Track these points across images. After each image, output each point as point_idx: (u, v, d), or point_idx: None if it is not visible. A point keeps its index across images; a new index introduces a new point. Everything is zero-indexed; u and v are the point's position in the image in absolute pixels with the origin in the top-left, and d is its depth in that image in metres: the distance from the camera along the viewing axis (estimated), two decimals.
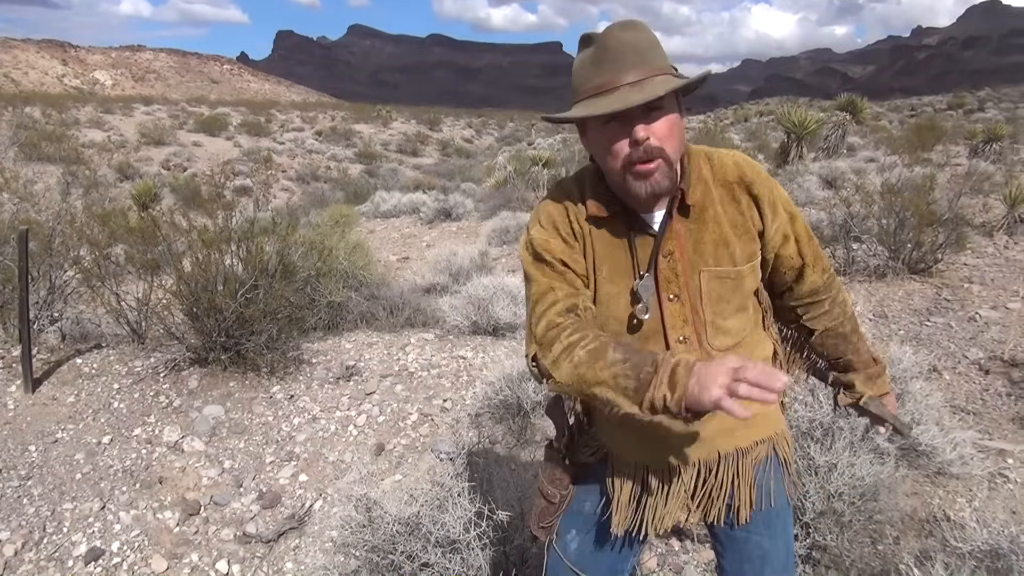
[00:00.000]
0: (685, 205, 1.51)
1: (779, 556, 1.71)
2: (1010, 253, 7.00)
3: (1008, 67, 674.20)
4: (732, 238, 1.53)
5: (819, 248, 1.66)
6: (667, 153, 1.42)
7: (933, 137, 18.42)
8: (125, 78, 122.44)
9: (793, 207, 1.61)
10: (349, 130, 38.08)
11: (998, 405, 4.14)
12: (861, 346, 1.75)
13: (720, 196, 1.54)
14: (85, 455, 3.93)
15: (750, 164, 1.58)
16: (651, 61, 1.40)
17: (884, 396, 1.79)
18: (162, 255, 5.04)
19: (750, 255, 1.55)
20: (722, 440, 1.63)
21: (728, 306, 1.56)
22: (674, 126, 1.43)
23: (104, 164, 21.95)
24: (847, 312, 1.72)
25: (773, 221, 1.56)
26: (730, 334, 1.58)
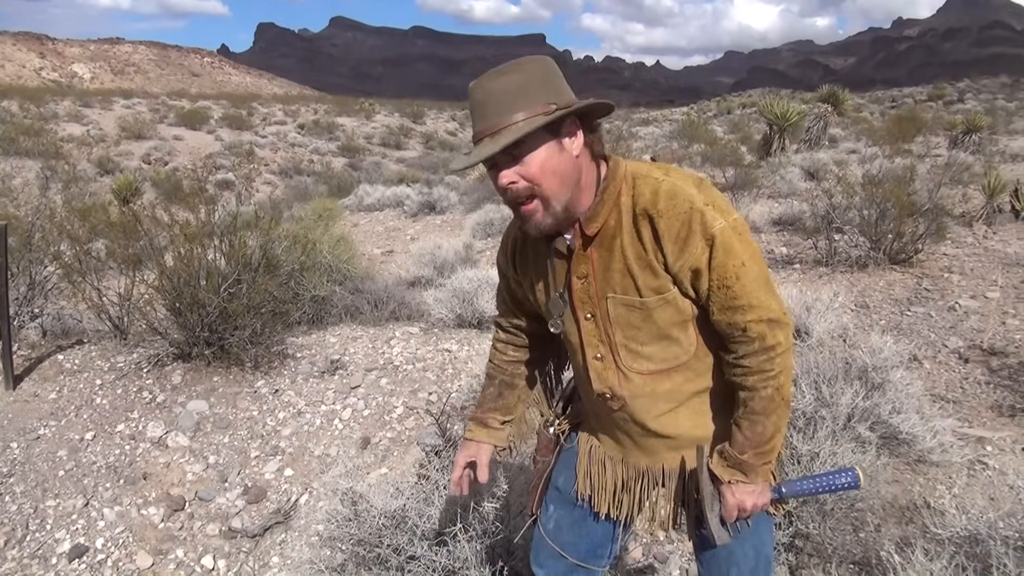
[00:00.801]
0: (585, 235, 1.55)
1: (746, 559, 1.72)
2: (989, 243, 7.08)
3: (987, 58, 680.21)
4: (636, 269, 1.52)
5: (761, 298, 1.49)
6: (542, 192, 1.46)
7: (913, 128, 18.59)
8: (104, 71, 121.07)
9: (733, 245, 1.47)
10: (332, 123, 37.86)
11: (977, 393, 4.19)
12: (751, 432, 1.56)
13: (628, 225, 1.52)
14: (68, 452, 3.90)
15: (669, 195, 1.48)
16: (514, 106, 1.41)
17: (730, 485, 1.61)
18: (144, 250, 5.00)
19: (656, 288, 1.52)
20: (668, 454, 1.71)
21: (640, 333, 1.58)
22: (545, 164, 1.44)
23: (84, 158, 21.73)
24: (766, 391, 1.52)
25: (678, 257, 1.47)
26: (651, 360, 1.60)
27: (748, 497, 1.60)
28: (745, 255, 1.48)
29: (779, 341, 1.50)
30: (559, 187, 1.47)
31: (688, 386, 1.62)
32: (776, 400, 1.53)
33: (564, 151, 1.46)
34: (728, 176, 10.06)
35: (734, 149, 16.61)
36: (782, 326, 1.51)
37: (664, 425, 1.65)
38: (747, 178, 10.09)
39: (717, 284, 1.48)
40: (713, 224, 1.45)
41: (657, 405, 1.63)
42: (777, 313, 1.50)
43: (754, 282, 1.48)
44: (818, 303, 5.00)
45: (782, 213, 8.90)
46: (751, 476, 1.58)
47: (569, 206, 1.50)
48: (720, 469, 1.60)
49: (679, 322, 1.56)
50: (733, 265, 1.46)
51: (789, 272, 6.72)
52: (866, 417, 3.29)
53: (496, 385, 1.95)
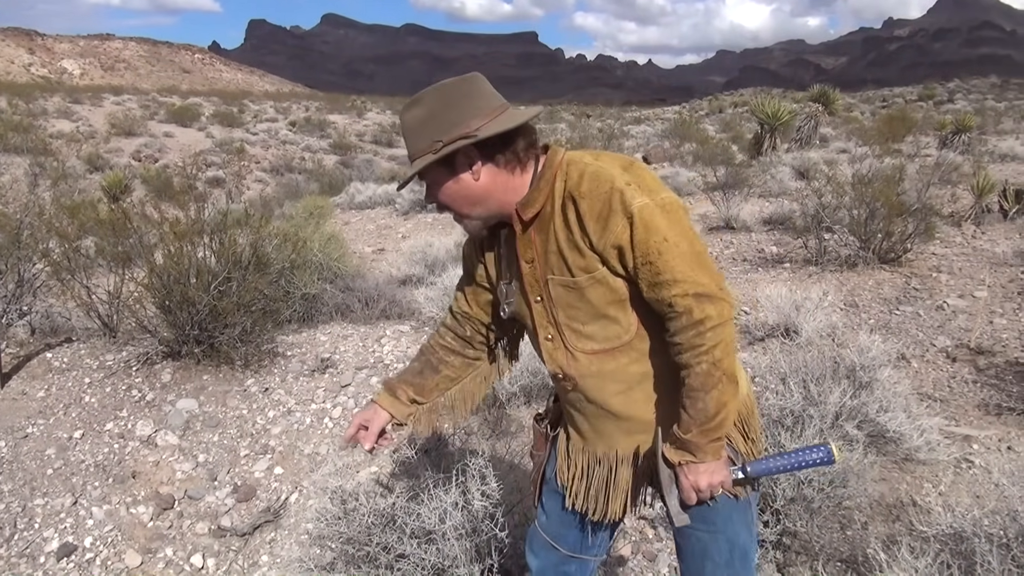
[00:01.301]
0: (522, 220, 1.64)
1: (720, 552, 1.73)
2: (977, 243, 7.13)
3: (977, 59, 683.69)
4: (565, 249, 1.59)
5: (686, 272, 1.50)
6: (453, 208, 1.65)
7: (903, 128, 18.69)
8: (94, 67, 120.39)
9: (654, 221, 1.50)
10: (323, 121, 37.77)
11: (964, 392, 4.22)
12: (693, 411, 1.56)
13: (559, 209, 1.60)
14: (56, 450, 3.89)
15: (593, 177, 1.55)
16: (413, 142, 1.59)
17: (682, 467, 1.61)
18: (133, 247, 4.98)
19: (584, 267, 1.58)
20: (623, 439, 1.74)
21: (580, 313, 1.64)
22: (446, 193, 1.62)
23: (73, 155, 21.60)
24: (701, 367, 1.53)
25: (601, 236, 1.53)
26: (594, 339, 1.66)
27: (702, 477, 1.60)
28: (669, 231, 1.50)
29: (708, 314, 1.50)
30: (468, 207, 1.64)
31: (634, 367, 1.65)
32: (714, 375, 1.53)
33: (461, 181, 1.60)
34: (719, 175, 10.09)
35: (725, 148, 16.66)
36: (713, 300, 1.51)
37: (616, 406, 1.69)
38: (738, 177, 10.11)
39: (641, 260, 1.52)
40: (632, 202, 1.50)
41: (606, 385, 1.68)
42: (707, 287, 1.51)
43: (679, 257, 1.50)
44: (807, 302, 5.03)
45: (772, 212, 8.93)
46: (699, 455, 1.58)
47: (490, 212, 1.65)
48: (670, 452, 1.61)
49: (614, 301, 1.60)
50: (655, 241, 1.49)
51: (779, 271, 6.75)
52: (854, 415, 3.31)
53: (421, 362, 1.99)
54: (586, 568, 1.95)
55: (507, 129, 1.56)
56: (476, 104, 1.57)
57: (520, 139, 1.62)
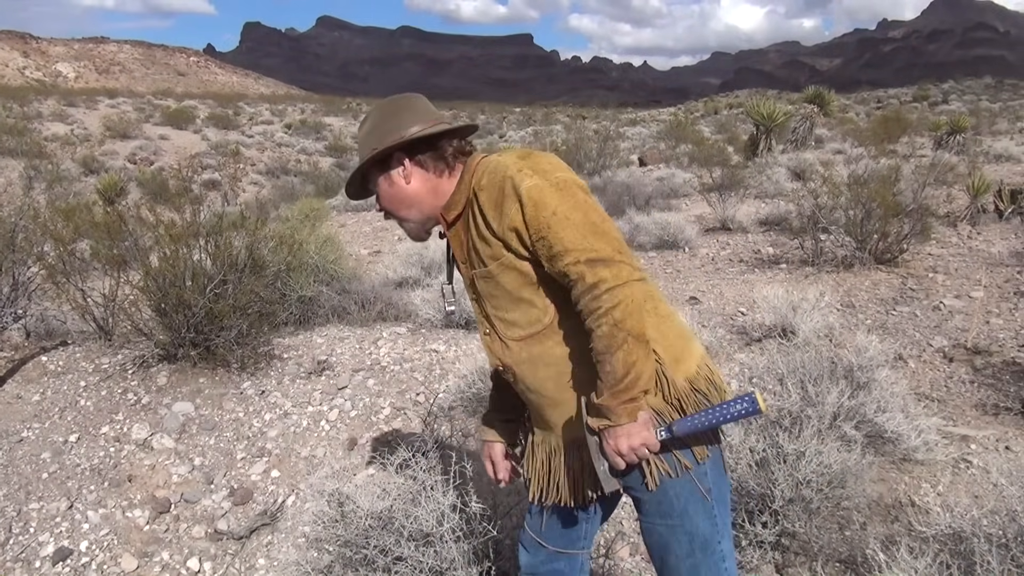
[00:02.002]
0: (446, 220, 1.80)
1: (680, 544, 1.72)
2: (973, 243, 7.14)
3: (971, 60, 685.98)
4: (477, 242, 1.72)
5: (576, 241, 1.56)
6: (392, 211, 1.85)
7: (899, 129, 18.74)
8: (89, 70, 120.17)
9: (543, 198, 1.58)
10: (319, 123, 37.77)
11: (961, 392, 4.23)
12: (602, 374, 1.58)
13: (469, 206, 1.74)
14: (52, 454, 3.87)
15: (490, 170, 1.68)
16: (361, 152, 1.82)
17: (603, 433, 1.62)
18: (129, 250, 4.96)
19: (492, 255, 1.69)
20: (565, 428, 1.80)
21: (501, 301, 1.75)
22: (384, 195, 1.83)
23: (68, 158, 21.56)
24: (602, 329, 1.55)
25: (499, 221, 1.64)
26: (518, 325, 1.75)
27: (621, 440, 1.60)
28: (560, 205, 1.58)
29: (602, 277, 1.54)
30: (403, 209, 1.82)
31: (559, 349, 1.71)
32: (616, 336, 1.54)
33: (394, 183, 1.79)
34: (715, 176, 10.10)
35: (721, 149, 16.69)
36: (608, 263, 1.55)
37: (551, 390, 1.75)
38: (734, 178, 10.12)
39: (535, 237, 1.60)
40: (521, 184, 1.60)
41: (538, 370, 1.75)
42: (600, 252, 1.56)
43: (569, 228, 1.57)
44: (804, 303, 5.03)
45: (769, 213, 8.94)
46: (614, 418, 1.59)
47: (424, 214, 1.82)
48: (591, 420, 1.63)
49: (526, 284, 1.69)
50: (544, 216, 1.58)
51: (776, 272, 6.76)
52: (852, 416, 3.31)
53: (495, 387, 2.12)
54: (575, 563, 1.97)
55: (430, 133, 1.72)
56: (410, 116, 1.75)
57: (447, 145, 1.77)
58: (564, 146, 16.50)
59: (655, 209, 10.10)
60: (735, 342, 5.13)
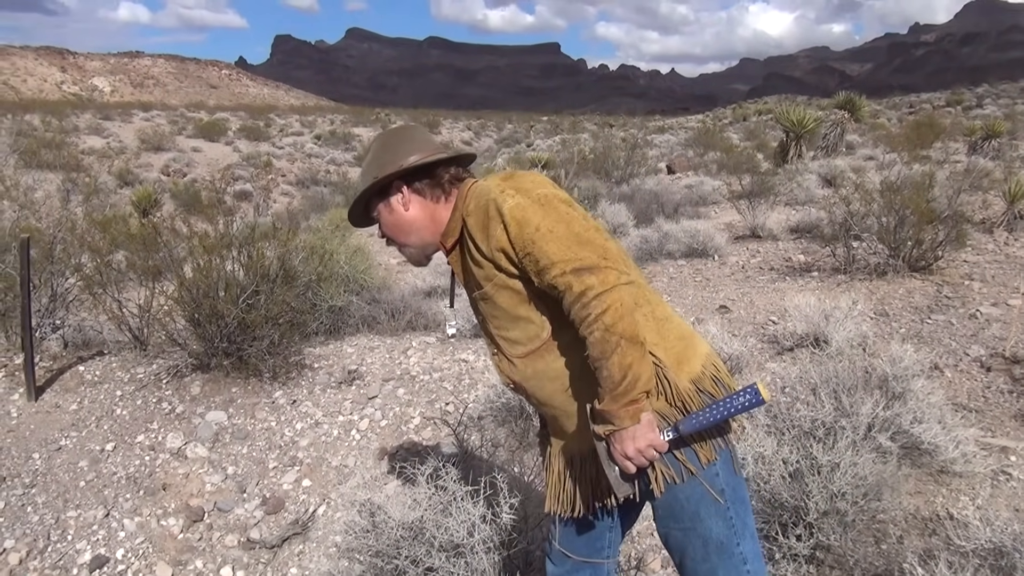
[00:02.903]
0: (444, 247, 1.85)
1: (695, 548, 1.73)
2: (1010, 250, 7.00)
3: (1006, 63, 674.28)
4: (470, 265, 1.77)
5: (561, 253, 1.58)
6: (393, 238, 1.89)
7: (932, 134, 18.44)
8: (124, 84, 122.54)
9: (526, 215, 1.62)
10: (348, 133, 38.13)
11: (1000, 402, 4.14)
12: (601, 380, 1.59)
13: (463, 231, 1.77)
14: (89, 462, 3.94)
15: (476, 195, 1.72)
16: (364, 177, 1.84)
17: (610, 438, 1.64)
18: (163, 261, 5.04)
19: (485, 277, 1.73)
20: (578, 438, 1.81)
21: (500, 320, 1.79)
22: (386, 222, 1.87)
23: (104, 171, 21.97)
24: (594, 335, 1.56)
25: (488, 243, 1.68)
26: (520, 343, 1.79)
27: (627, 444, 1.61)
28: (543, 221, 1.62)
29: (589, 285, 1.56)
30: (403, 236, 1.86)
31: (559, 363, 1.74)
32: (609, 340, 1.55)
33: (394, 211, 1.84)
34: (744, 184, 10.02)
35: (750, 156, 16.57)
36: (593, 270, 1.57)
37: (562, 403, 1.77)
38: (764, 186, 10.04)
39: (522, 254, 1.64)
40: (503, 204, 1.64)
41: (545, 385, 1.78)
42: (585, 261, 1.57)
43: (552, 242, 1.60)
44: (837, 311, 4.96)
45: (799, 220, 8.85)
46: (617, 422, 1.60)
47: (426, 243, 1.86)
48: (596, 426, 1.65)
49: (521, 302, 1.73)
50: (527, 233, 1.62)
51: (807, 280, 6.68)
52: (887, 427, 3.25)
53: None
54: (600, 572, 1.98)
55: (426, 162, 1.78)
56: (408, 147, 1.81)
57: (444, 172, 1.82)
58: (592, 154, 16.49)
59: (684, 217, 10.06)
60: (766, 351, 5.07)
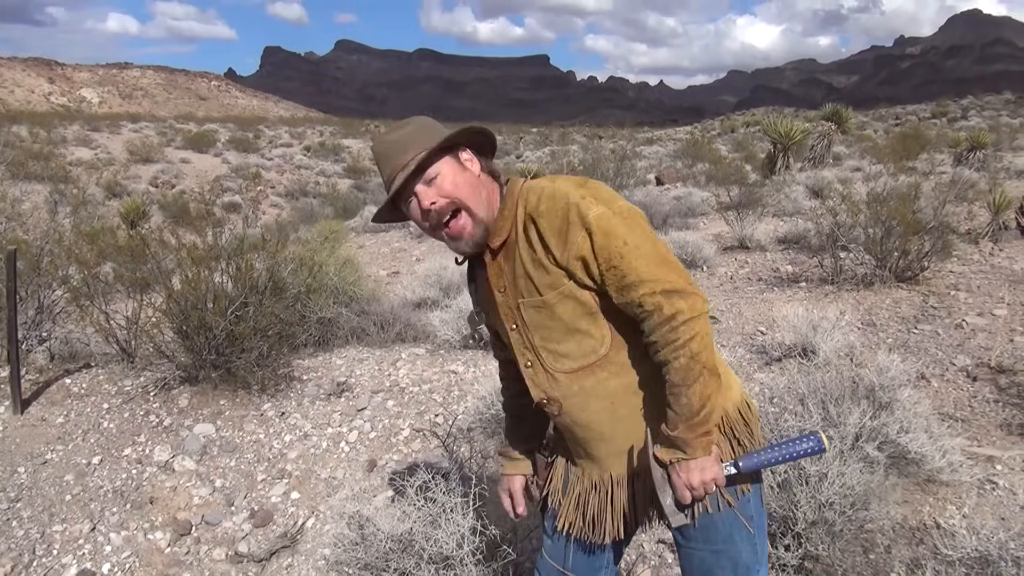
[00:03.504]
0: (491, 248, 1.71)
1: (723, 570, 1.73)
2: (995, 260, 7.07)
3: (991, 75, 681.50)
4: (531, 270, 1.64)
5: (652, 272, 1.55)
6: (462, 202, 1.65)
7: (918, 146, 18.61)
8: (112, 95, 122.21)
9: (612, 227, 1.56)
10: (338, 145, 38.09)
11: (986, 412, 4.16)
12: (678, 407, 1.58)
13: (521, 233, 1.65)
14: (75, 476, 3.91)
15: (549, 197, 1.61)
16: (413, 144, 1.64)
17: (674, 466, 1.62)
18: (151, 273, 5.02)
19: (550, 284, 1.63)
20: (616, 461, 1.76)
21: (552, 332, 1.68)
22: (456, 179, 1.65)
23: (92, 182, 21.86)
24: (679, 361, 1.55)
25: (565, 249, 1.59)
26: (570, 357, 1.69)
27: (694, 474, 1.60)
28: (629, 235, 1.56)
29: (679, 309, 1.53)
30: (473, 197, 1.66)
31: (614, 381, 1.68)
32: (694, 369, 1.55)
33: (466, 169, 1.68)
34: (733, 195, 10.08)
35: (738, 168, 16.67)
36: (683, 295, 1.54)
37: (602, 424, 1.71)
38: (752, 197, 10.09)
39: (605, 267, 1.57)
40: (588, 212, 1.56)
41: (589, 403, 1.70)
42: (675, 283, 1.55)
43: (641, 259, 1.55)
44: (824, 321, 4.99)
45: (787, 231, 8.90)
46: (689, 452, 1.59)
47: (487, 218, 1.68)
48: (661, 451, 1.62)
49: (585, 315, 1.65)
50: (615, 246, 1.55)
51: (795, 290, 6.72)
52: (874, 437, 3.27)
53: (512, 417, 2.06)
54: None
55: (482, 127, 1.71)
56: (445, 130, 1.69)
57: (492, 151, 1.76)
58: (581, 166, 16.54)
59: (673, 228, 10.08)
60: (755, 361, 5.09)
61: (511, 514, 2.04)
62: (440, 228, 1.67)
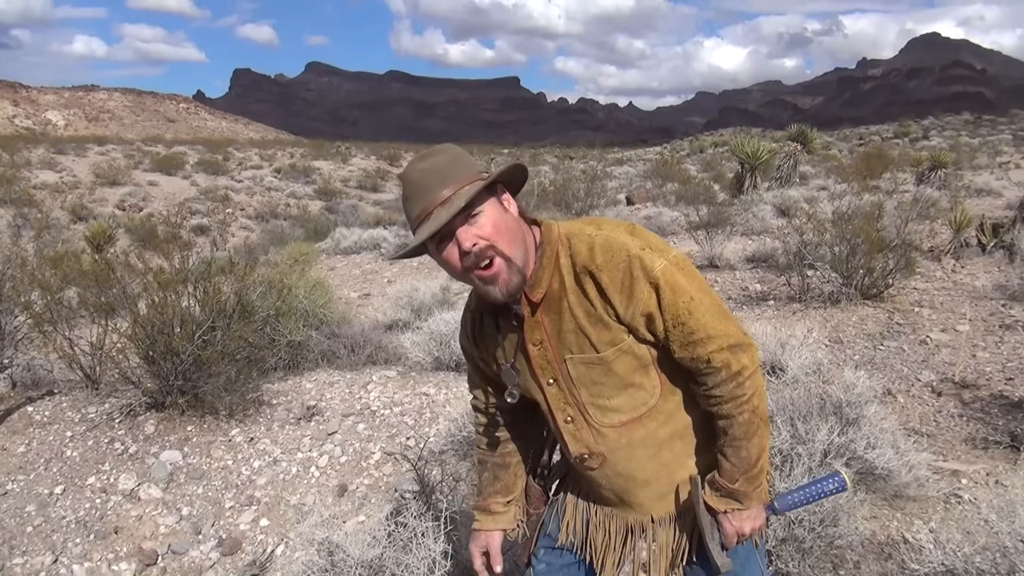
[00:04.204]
0: (531, 302, 1.58)
1: None
2: (957, 277, 7.22)
3: (950, 96, 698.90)
4: (587, 326, 1.55)
5: (717, 327, 1.52)
6: (500, 248, 1.49)
7: (881, 165, 18.99)
8: (78, 118, 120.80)
9: (678, 282, 1.50)
10: (308, 167, 37.91)
11: (951, 426, 4.23)
12: (736, 459, 1.58)
13: (572, 285, 1.55)
14: (36, 506, 3.81)
15: (605, 248, 1.52)
16: (454, 177, 1.48)
17: (727, 515, 1.63)
18: (117, 298, 4.95)
19: (610, 341, 1.54)
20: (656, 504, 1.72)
21: (605, 388, 1.60)
22: (498, 223, 1.50)
23: (57, 206, 21.57)
24: (743, 416, 1.55)
25: (628, 306, 1.51)
26: (621, 411, 1.62)
27: (746, 523, 1.63)
28: (692, 288, 1.52)
29: (744, 365, 1.53)
30: (512, 243, 1.51)
31: (663, 431, 1.64)
32: (755, 422, 1.55)
33: (507, 212, 1.53)
34: (702, 214, 10.20)
35: (707, 188, 16.86)
36: (745, 348, 1.54)
37: (647, 473, 1.66)
38: (720, 216, 10.22)
39: (672, 323, 1.51)
40: (653, 266, 1.49)
41: (636, 453, 1.65)
42: (737, 337, 1.53)
43: (707, 313, 1.51)
44: (792, 339, 5.05)
45: (755, 250, 9.02)
46: (746, 503, 1.60)
47: (524, 265, 1.54)
48: (715, 500, 1.61)
49: (639, 368, 1.58)
50: (683, 302, 1.50)
51: (763, 309, 6.79)
52: (842, 453, 3.31)
53: (489, 469, 1.93)
54: None
55: (521, 165, 1.58)
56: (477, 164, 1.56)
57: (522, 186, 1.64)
58: (552, 187, 16.64)
59: None
60: None
61: (484, 574, 1.92)
62: (473, 270, 1.51)
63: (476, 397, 1.92)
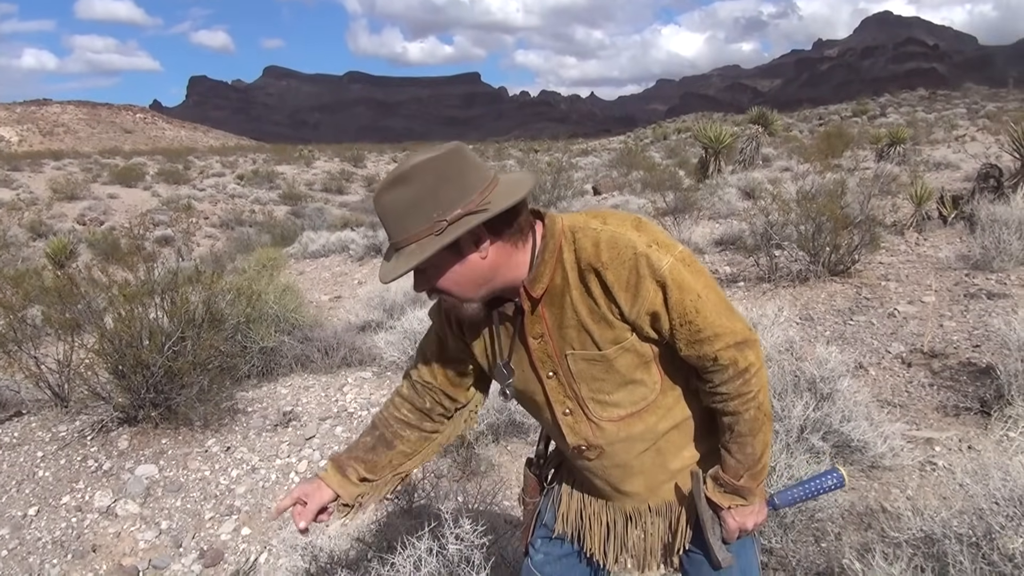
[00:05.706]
0: (532, 298, 1.53)
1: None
2: (921, 249, 7.34)
3: (904, 74, 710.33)
4: (590, 324, 1.51)
5: (724, 324, 1.49)
6: (454, 294, 1.48)
7: (841, 144, 19.27)
8: (32, 133, 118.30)
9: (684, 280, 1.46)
10: (271, 172, 37.54)
11: (922, 396, 4.31)
12: (741, 455, 1.57)
13: (576, 281, 1.50)
14: (10, 530, 3.73)
15: (610, 244, 1.46)
16: (406, 226, 1.41)
17: (730, 510, 1.62)
18: (82, 313, 4.86)
19: (613, 339, 1.51)
20: (651, 495, 1.71)
21: (606, 384, 1.57)
22: (448, 277, 1.45)
23: (14, 223, 21.10)
24: (749, 413, 1.54)
25: (633, 304, 1.46)
26: (620, 406, 1.59)
27: (749, 518, 1.63)
28: (699, 286, 1.47)
29: (751, 362, 1.50)
30: (473, 291, 1.48)
31: (662, 424, 1.62)
32: (760, 419, 1.54)
33: (468, 262, 1.44)
34: (668, 200, 10.26)
35: (672, 174, 16.98)
36: (751, 344, 1.51)
37: (644, 465, 1.66)
38: (687, 201, 10.31)
39: (679, 321, 1.47)
40: (660, 264, 1.44)
41: (634, 446, 1.64)
42: (743, 334, 1.50)
43: (714, 311, 1.47)
44: (764, 319, 5.10)
45: (723, 233, 9.09)
46: (750, 499, 1.61)
47: (493, 292, 1.51)
48: (718, 496, 1.60)
49: (641, 364, 1.55)
50: (690, 300, 1.45)
51: (734, 290, 6.85)
52: (818, 427, 3.35)
53: (374, 437, 1.83)
54: None
55: (517, 202, 1.43)
56: (472, 178, 1.42)
57: (523, 210, 1.50)
58: None
59: None
60: None
61: (295, 520, 1.81)
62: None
63: (418, 368, 1.80)
